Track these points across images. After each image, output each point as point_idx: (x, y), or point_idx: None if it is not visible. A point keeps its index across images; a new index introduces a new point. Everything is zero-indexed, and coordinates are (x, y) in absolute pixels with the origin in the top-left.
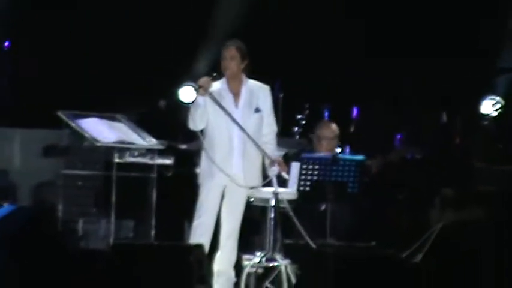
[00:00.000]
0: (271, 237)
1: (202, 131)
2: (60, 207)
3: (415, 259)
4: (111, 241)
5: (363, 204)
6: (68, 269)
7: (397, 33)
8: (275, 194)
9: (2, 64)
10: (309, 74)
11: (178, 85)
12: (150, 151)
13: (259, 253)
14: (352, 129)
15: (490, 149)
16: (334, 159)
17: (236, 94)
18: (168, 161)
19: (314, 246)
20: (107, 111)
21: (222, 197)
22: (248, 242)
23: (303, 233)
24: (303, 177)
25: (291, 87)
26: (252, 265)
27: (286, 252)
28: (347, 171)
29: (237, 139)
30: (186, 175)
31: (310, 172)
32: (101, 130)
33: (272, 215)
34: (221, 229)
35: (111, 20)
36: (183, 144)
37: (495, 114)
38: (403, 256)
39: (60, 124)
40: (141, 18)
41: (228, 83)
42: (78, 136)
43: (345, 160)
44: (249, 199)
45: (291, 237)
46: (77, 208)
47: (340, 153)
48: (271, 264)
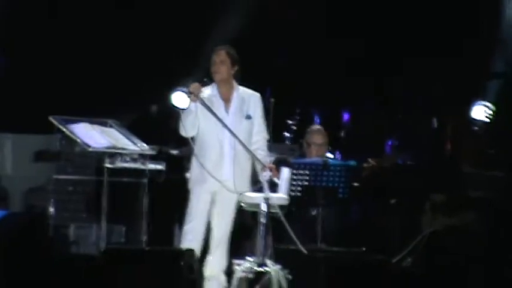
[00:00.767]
0: (262, 242)
1: (193, 137)
2: (51, 212)
3: (405, 264)
4: (103, 246)
5: (354, 209)
6: (59, 274)
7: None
8: (266, 199)
9: None
10: (300, 79)
11: (169, 90)
12: (141, 156)
13: (250, 258)
14: (343, 134)
15: (480, 155)
16: (325, 165)
17: (227, 100)
18: (159, 167)
19: (305, 251)
20: (98, 116)
21: (213, 203)
22: (239, 247)
23: (294, 238)
24: (293, 183)
25: (282, 93)
26: (243, 270)
27: (277, 257)
28: (338, 176)
29: (228, 145)
30: (177, 180)
31: (301, 177)
32: (93, 135)
33: (263, 220)
34: (212, 234)
35: (103, 24)
36: (175, 149)
37: (486, 119)
38: (394, 261)
39: (51, 129)
40: (134, 22)
41: (219, 89)
42: (70, 141)
43: (336, 165)
44: (240, 204)
45: (282, 242)
46: (68, 213)
47: (331, 158)
48: (262, 269)
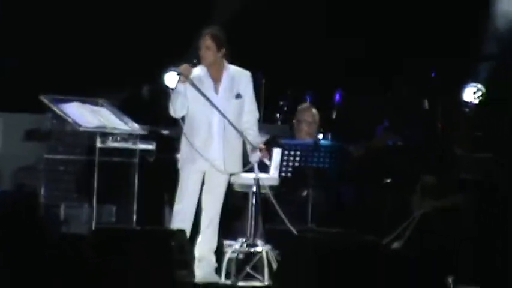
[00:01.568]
0: (253, 223)
1: (183, 117)
2: (41, 191)
3: (396, 246)
4: (93, 226)
5: (344, 190)
6: (49, 253)
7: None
8: (256, 179)
9: None
10: (292, 59)
11: (161, 70)
12: (132, 136)
13: (240, 239)
14: (334, 116)
15: (470, 137)
16: (316, 146)
17: (217, 80)
18: (150, 146)
19: (295, 232)
20: (89, 95)
21: (203, 183)
22: (229, 227)
23: (284, 219)
24: (284, 163)
25: (274, 73)
26: (233, 250)
27: (268, 238)
28: (328, 157)
29: (217, 125)
30: (168, 160)
31: (291, 158)
32: (84, 115)
33: (253, 201)
34: (202, 215)
35: (95, 2)
36: (166, 129)
37: (476, 101)
38: (384, 242)
39: (42, 108)
40: (126, 1)
41: (209, 69)
42: (61, 121)
43: (327, 146)
44: (230, 185)
45: (272, 223)
46: (59, 193)
47: (322, 139)
48: (252, 249)
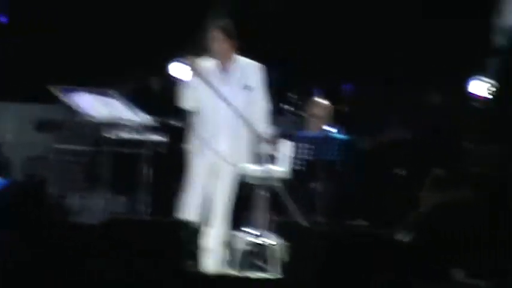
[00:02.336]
0: (262, 215)
1: (192, 109)
2: (51, 181)
3: (405, 239)
4: (103, 216)
5: (354, 183)
6: (58, 243)
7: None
8: (266, 172)
9: None
10: (303, 52)
11: (170, 61)
12: (142, 127)
13: (249, 230)
14: (345, 109)
15: (479, 130)
16: (326, 139)
17: (225, 71)
18: (160, 138)
19: (304, 224)
20: (100, 86)
21: (212, 174)
22: (238, 219)
23: (294, 211)
24: (294, 156)
25: (285, 66)
26: (243, 242)
27: (277, 230)
28: (338, 150)
29: (225, 117)
30: (178, 152)
31: (301, 151)
32: (94, 105)
33: (263, 193)
34: (211, 206)
35: None
36: (176, 121)
37: (485, 95)
38: (393, 235)
39: (53, 99)
40: None
41: (218, 60)
42: (71, 111)
43: (337, 140)
44: (239, 176)
45: (281, 215)
46: (68, 183)
47: (332, 132)
48: (261, 241)
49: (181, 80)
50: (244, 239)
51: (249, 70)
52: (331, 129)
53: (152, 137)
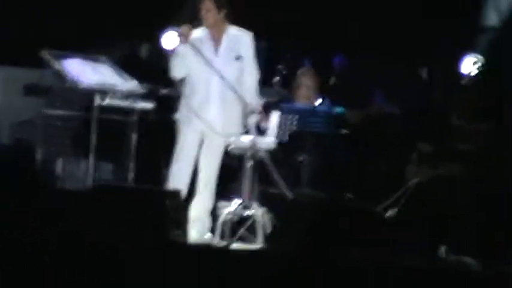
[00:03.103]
0: (248, 186)
1: (182, 78)
2: (39, 146)
3: (390, 213)
4: (89, 182)
5: (340, 156)
6: (45, 208)
7: None
8: (253, 142)
9: None
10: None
11: (161, 29)
12: (131, 95)
13: (235, 201)
14: (333, 81)
15: (468, 107)
16: (314, 111)
17: (217, 42)
18: (149, 105)
19: (290, 195)
20: (90, 52)
21: (201, 144)
22: (225, 189)
23: (280, 182)
24: (282, 127)
25: (274, 37)
26: (228, 212)
27: (262, 201)
28: (326, 122)
29: (216, 86)
30: (166, 120)
31: (289, 122)
32: (84, 71)
33: (250, 164)
34: (198, 176)
35: None
36: (165, 89)
37: (475, 72)
38: (379, 209)
39: (42, 64)
40: None
41: (209, 30)
42: (60, 76)
43: (324, 112)
44: (227, 146)
45: (267, 186)
46: (56, 148)
47: (320, 104)
48: (247, 212)
49: (172, 48)
50: (230, 209)
51: (240, 40)
52: (319, 101)
53: (141, 105)
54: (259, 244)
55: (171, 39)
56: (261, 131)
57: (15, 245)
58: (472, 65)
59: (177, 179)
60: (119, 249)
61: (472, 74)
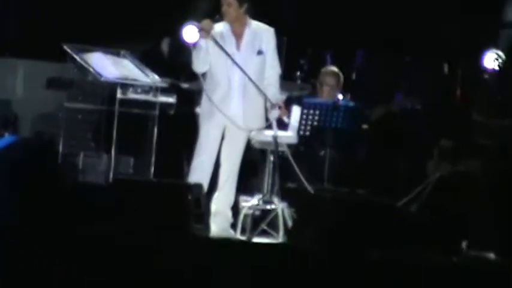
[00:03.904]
0: (270, 180)
1: (204, 72)
2: (60, 140)
3: (411, 208)
4: (111, 176)
5: (362, 151)
6: (66, 202)
7: None
8: (275, 137)
9: None
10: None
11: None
12: (153, 88)
13: (257, 195)
14: (354, 77)
15: (489, 103)
16: (335, 106)
17: (238, 36)
18: (170, 99)
19: (311, 190)
20: (111, 46)
21: (223, 138)
22: (246, 183)
23: (301, 177)
24: (303, 122)
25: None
26: (250, 207)
27: (284, 196)
28: (347, 118)
29: (237, 81)
30: (187, 114)
31: (310, 117)
32: (105, 65)
33: (271, 158)
34: (220, 169)
35: None
36: (186, 83)
37: (496, 68)
38: (400, 205)
39: (65, 57)
40: None
41: (231, 25)
42: (83, 70)
43: (346, 107)
44: (249, 141)
45: (289, 181)
46: (77, 142)
47: (342, 100)
48: (268, 206)
49: (194, 43)
50: (251, 203)
51: (261, 35)
52: (340, 97)
53: (162, 99)
54: (280, 239)
55: (192, 33)
56: (283, 126)
57: (35, 238)
58: (493, 60)
59: (199, 173)
60: (140, 243)
61: (493, 69)
